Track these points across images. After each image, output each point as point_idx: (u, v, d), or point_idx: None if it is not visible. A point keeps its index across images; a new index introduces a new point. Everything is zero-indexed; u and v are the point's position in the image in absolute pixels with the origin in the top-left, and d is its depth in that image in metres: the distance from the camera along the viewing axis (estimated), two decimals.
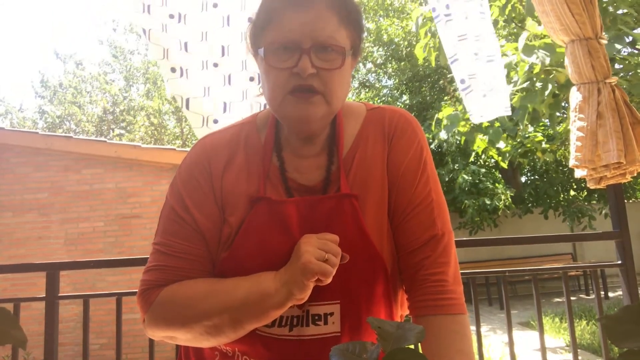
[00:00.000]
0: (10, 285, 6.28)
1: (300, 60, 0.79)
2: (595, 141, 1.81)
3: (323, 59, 0.81)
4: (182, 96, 2.24)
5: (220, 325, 0.79)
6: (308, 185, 0.89)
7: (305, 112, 0.82)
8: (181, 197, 0.88)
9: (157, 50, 2.21)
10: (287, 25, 0.80)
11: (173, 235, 0.87)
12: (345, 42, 0.84)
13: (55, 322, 1.97)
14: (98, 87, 20.55)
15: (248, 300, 0.78)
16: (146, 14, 2.18)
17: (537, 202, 12.43)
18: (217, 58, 2.27)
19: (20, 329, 0.42)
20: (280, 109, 0.84)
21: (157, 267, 0.86)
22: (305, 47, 0.80)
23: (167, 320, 0.82)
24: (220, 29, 2.26)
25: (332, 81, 0.82)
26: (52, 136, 6.95)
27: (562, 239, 2.18)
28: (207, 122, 2.26)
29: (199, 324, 0.80)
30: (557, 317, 7.76)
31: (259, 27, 0.85)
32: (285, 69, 0.81)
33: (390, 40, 14.37)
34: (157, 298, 0.83)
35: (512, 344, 2.02)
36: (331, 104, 0.84)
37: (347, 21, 0.84)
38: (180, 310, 0.81)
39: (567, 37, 1.88)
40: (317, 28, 0.80)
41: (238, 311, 0.79)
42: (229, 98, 2.28)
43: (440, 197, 0.92)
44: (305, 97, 0.81)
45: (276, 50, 0.81)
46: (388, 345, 0.48)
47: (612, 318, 0.42)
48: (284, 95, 0.82)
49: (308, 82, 0.80)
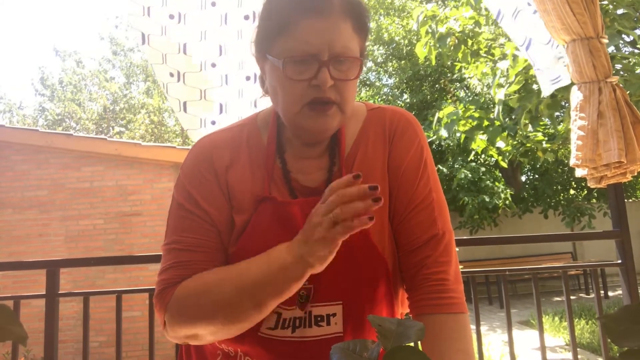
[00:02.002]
0: (11, 283, 6.29)
1: (319, 73, 0.78)
2: (596, 140, 1.81)
3: (340, 70, 0.80)
4: (180, 99, 2.23)
5: (242, 308, 0.77)
6: (311, 187, 0.89)
7: (323, 125, 0.82)
8: (189, 193, 0.87)
9: (156, 56, 2.20)
10: (305, 36, 0.78)
11: (185, 230, 0.85)
12: (357, 49, 0.83)
13: (55, 320, 1.97)
14: (98, 84, 20.54)
15: (265, 277, 0.76)
16: (146, 17, 2.17)
17: (537, 202, 12.44)
18: (215, 58, 2.26)
19: (21, 325, 0.42)
20: (296, 120, 0.83)
21: (170, 266, 0.84)
22: (324, 59, 0.78)
23: (186, 316, 0.80)
24: (219, 28, 2.24)
25: (347, 91, 0.82)
26: (53, 134, 6.96)
27: (562, 238, 2.18)
28: (205, 124, 2.27)
29: (219, 311, 0.78)
30: (557, 316, 7.77)
31: (272, 32, 0.82)
32: (304, 80, 0.80)
33: (390, 39, 14.35)
34: (173, 296, 0.81)
35: (512, 343, 2.02)
36: (345, 113, 0.84)
37: (360, 28, 0.83)
38: (197, 301, 0.79)
39: (568, 37, 1.88)
40: (335, 38, 0.79)
41: (257, 289, 0.76)
42: (225, 99, 2.28)
43: (441, 197, 0.92)
44: (324, 109, 0.81)
45: (294, 62, 0.79)
46: (388, 343, 0.48)
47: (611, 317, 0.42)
48: (301, 107, 0.81)
49: (327, 94, 0.80)
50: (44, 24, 49.03)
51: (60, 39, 46.96)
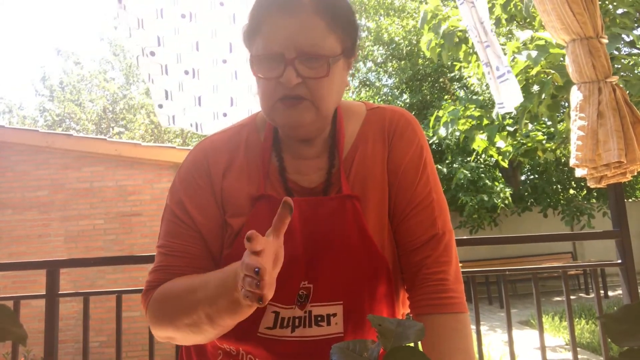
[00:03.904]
0: (11, 283, 6.29)
1: (284, 71, 0.79)
2: (596, 140, 1.81)
3: (309, 67, 0.80)
4: (195, 95, 2.36)
5: (199, 322, 0.77)
6: (309, 188, 0.89)
7: (294, 118, 0.82)
8: (180, 199, 0.89)
9: (171, 56, 2.31)
10: (272, 35, 0.80)
11: (172, 236, 0.88)
12: (335, 47, 0.82)
13: (55, 320, 1.97)
14: (98, 85, 20.54)
15: (217, 294, 0.74)
16: (160, 19, 2.28)
17: (536, 201, 12.44)
18: (225, 55, 2.37)
19: (21, 325, 0.42)
20: (270, 115, 0.85)
21: (155, 269, 0.88)
22: (289, 58, 0.79)
23: (157, 319, 0.83)
24: (228, 26, 2.36)
25: (319, 88, 0.81)
26: (53, 134, 6.96)
27: (562, 238, 2.19)
28: (218, 117, 2.38)
29: (181, 321, 0.79)
30: (557, 316, 7.76)
31: (249, 33, 0.85)
32: (272, 78, 0.81)
33: (390, 40, 14.35)
34: (152, 298, 0.84)
35: (512, 342, 2.02)
36: (320, 109, 0.83)
37: (337, 25, 0.82)
38: (163, 307, 0.82)
39: (568, 36, 1.88)
40: (302, 37, 0.79)
41: (210, 306, 0.74)
42: (236, 93, 2.40)
43: (441, 197, 0.92)
44: (293, 103, 0.81)
45: (262, 60, 0.81)
46: (388, 343, 0.48)
47: (611, 317, 0.42)
48: (273, 103, 0.82)
49: (294, 91, 0.80)
50: (44, 24, 49.07)
51: (60, 40, 46.97)
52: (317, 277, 0.83)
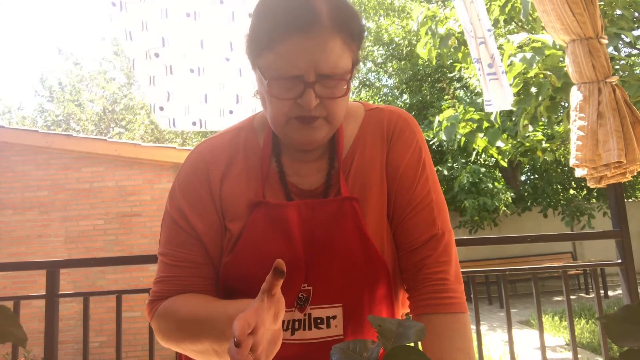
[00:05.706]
0: (11, 283, 6.29)
1: (304, 94, 0.77)
2: (596, 140, 1.81)
3: (327, 87, 0.79)
4: (201, 92, 2.38)
5: (205, 352, 0.77)
6: (308, 190, 0.88)
7: (309, 136, 0.82)
8: (180, 207, 0.88)
9: (176, 55, 2.32)
10: (291, 57, 0.76)
11: (174, 244, 0.87)
12: (349, 63, 0.81)
13: (55, 320, 1.97)
14: (97, 85, 20.53)
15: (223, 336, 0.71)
16: (164, 19, 2.28)
17: (536, 201, 12.44)
18: (227, 53, 2.38)
19: (21, 327, 0.42)
20: (283, 132, 0.83)
21: (161, 279, 0.87)
22: (310, 81, 0.77)
23: (164, 335, 0.83)
24: (228, 25, 2.37)
25: (335, 107, 0.81)
26: (52, 134, 6.96)
27: (562, 238, 2.19)
28: (224, 113, 2.40)
29: (186, 346, 0.79)
30: (557, 315, 7.76)
31: (260, 45, 0.80)
32: (289, 99, 0.79)
33: (390, 40, 14.35)
34: (157, 312, 0.84)
35: (512, 342, 2.02)
36: (333, 125, 0.83)
37: (352, 40, 0.81)
38: (170, 329, 0.82)
39: (567, 37, 1.88)
40: (322, 59, 0.76)
41: (217, 344, 0.73)
42: (242, 91, 2.42)
43: (440, 197, 0.92)
44: (309, 122, 0.81)
45: (279, 81, 0.78)
46: (389, 343, 0.48)
47: (612, 317, 0.42)
48: (287, 120, 0.81)
49: (312, 113, 0.80)
50: (44, 24, 49.07)
51: (60, 40, 46.96)
52: (317, 279, 0.83)
